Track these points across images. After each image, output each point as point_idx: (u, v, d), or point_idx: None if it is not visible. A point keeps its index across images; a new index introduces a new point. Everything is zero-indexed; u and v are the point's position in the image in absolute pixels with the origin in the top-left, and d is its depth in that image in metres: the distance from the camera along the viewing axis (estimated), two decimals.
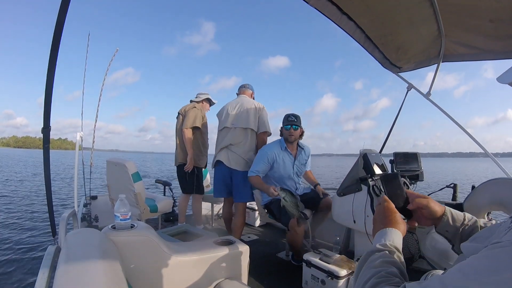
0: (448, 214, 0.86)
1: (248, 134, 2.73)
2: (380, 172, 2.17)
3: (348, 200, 2.16)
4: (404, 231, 0.77)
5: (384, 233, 0.74)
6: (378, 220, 0.80)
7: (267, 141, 2.79)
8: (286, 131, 2.61)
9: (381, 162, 2.52)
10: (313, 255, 2.07)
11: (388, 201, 0.83)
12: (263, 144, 2.75)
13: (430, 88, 2.84)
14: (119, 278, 0.92)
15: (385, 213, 0.80)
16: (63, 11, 0.99)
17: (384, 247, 0.68)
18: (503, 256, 0.43)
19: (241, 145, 2.71)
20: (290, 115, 2.65)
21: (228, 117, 2.76)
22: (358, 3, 1.96)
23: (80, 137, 2.75)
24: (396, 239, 0.72)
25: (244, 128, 2.71)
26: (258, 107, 2.76)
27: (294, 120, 2.61)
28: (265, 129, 2.74)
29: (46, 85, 1.17)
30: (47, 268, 0.90)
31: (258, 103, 2.82)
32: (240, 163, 2.69)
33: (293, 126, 2.59)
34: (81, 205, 3.45)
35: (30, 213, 7.03)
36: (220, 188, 2.83)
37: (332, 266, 1.89)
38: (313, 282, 2.00)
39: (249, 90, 2.99)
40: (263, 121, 2.74)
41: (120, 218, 1.25)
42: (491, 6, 1.82)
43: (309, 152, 2.86)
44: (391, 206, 0.81)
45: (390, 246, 0.69)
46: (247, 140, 2.72)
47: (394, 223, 0.76)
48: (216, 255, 1.53)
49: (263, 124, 2.73)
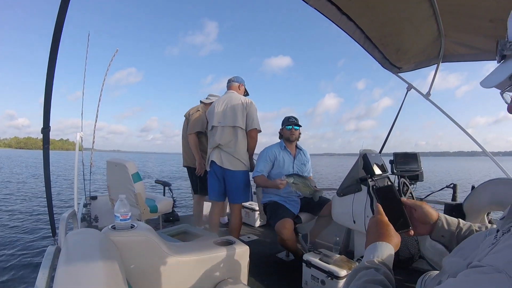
0: (443, 219, 0.86)
1: (237, 133, 2.62)
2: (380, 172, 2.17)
3: (348, 200, 2.16)
4: (397, 245, 0.76)
5: (374, 248, 0.73)
6: (371, 232, 0.79)
7: (257, 138, 2.70)
8: (288, 131, 2.68)
9: (381, 163, 2.51)
10: (313, 255, 2.07)
11: (381, 214, 0.82)
12: (254, 143, 2.68)
13: (430, 89, 2.84)
14: (119, 278, 0.92)
15: (377, 226, 0.79)
16: (62, 11, 0.99)
17: (371, 264, 0.68)
18: (484, 283, 0.42)
19: (231, 144, 2.61)
20: (291, 116, 2.73)
21: (215, 115, 2.67)
22: (357, 3, 1.96)
23: (80, 137, 2.75)
24: (386, 254, 0.71)
25: (233, 127, 2.61)
26: (245, 103, 2.64)
27: (295, 120, 2.70)
28: (254, 126, 2.61)
29: (46, 85, 1.17)
30: (47, 268, 0.90)
31: (246, 98, 2.71)
32: (232, 162, 2.60)
33: (295, 127, 2.68)
34: (81, 205, 3.45)
35: (30, 213, 7.04)
36: (214, 189, 2.72)
37: (332, 266, 1.89)
38: (313, 282, 2.00)
39: (235, 83, 2.84)
40: (251, 118, 2.61)
41: (120, 218, 1.25)
42: (491, 6, 1.82)
43: (308, 155, 2.89)
44: (384, 219, 0.80)
45: (377, 264, 0.68)
46: (237, 139, 2.61)
47: (387, 237, 0.75)
48: (216, 256, 1.53)
49: (251, 121, 2.61)
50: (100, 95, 3.80)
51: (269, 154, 2.65)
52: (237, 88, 2.83)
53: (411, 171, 2.54)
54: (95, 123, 3.90)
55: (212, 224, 2.81)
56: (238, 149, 2.60)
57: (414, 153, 2.60)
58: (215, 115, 2.66)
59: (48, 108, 1.25)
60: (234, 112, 2.60)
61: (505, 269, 0.41)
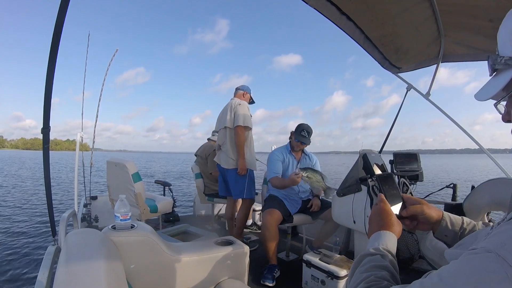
0: (447, 219, 0.85)
1: (226, 133, 2.84)
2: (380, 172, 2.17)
3: (348, 200, 2.16)
4: (399, 233, 0.77)
5: (378, 236, 0.74)
6: (374, 221, 0.80)
7: (242, 134, 2.75)
8: (296, 142, 2.70)
9: (381, 162, 2.52)
10: (313, 255, 2.07)
11: (384, 202, 0.82)
12: (240, 138, 2.73)
13: (429, 88, 2.84)
14: (119, 278, 0.92)
15: (380, 215, 0.79)
16: (62, 11, 0.99)
17: (377, 251, 0.68)
18: (475, 261, 0.45)
19: (225, 145, 2.85)
20: (304, 129, 2.69)
21: (216, 122, 3.02)
22: (357, 3, 1.96)
23: (81, 137, 2.75)
24: (390, 242, 0.72)
25: (224, 128, 2.85)
26: (233, 104, 2.83)
27: (306, 136, 2.68)
28: (238, 123, 2.72)
29: (46, 86, 1.17)
30: (47, 268, 0.90)
31: (236, 100, 2.89)
32: (228, 162, 2.83)
33: (302, 143, 2.68)
34: (81, 205, 3.45)
35: (31, 213, 7.04)
36: (221, 186, 3.05)
37: (332, 266, 1.89)
38: (313, 282, 2.00)
39: (240, 91, 3.05)
40: (237, 116, 2.75)
41: (120, 218, 1.25)
42: (490, 6, 1.82)
43: (314, 159, 2.88)
44: (387, 207, 0.81)
45: (383, 250, 0.69)
46: (227, 139, 2.83)
47: (389, 226, 0.76)
48: (216, 256, 1.53)
49: (237, 119, 2.75)
50: (100, 95, 3.80)
51: (278, 155, 2.73)
52: (241, 95, 3.02)
53: (411, 171, 2.53)
54: (95, 123, 3.90)
55: (228, 217, 3.15)
56: (228, 148, 2.82)
57: (414, 153, 2.60)
58: (217, 121, 3.02)
59: (48, 108, 1.25)
60: (224, 114, 2.86)
61: (495, 249, 0.44)
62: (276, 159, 2.69)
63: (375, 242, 0.73)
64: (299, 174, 2.30)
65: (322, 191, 2.54)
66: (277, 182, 2.59)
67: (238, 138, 2.74)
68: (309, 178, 2.25)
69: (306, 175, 2.25)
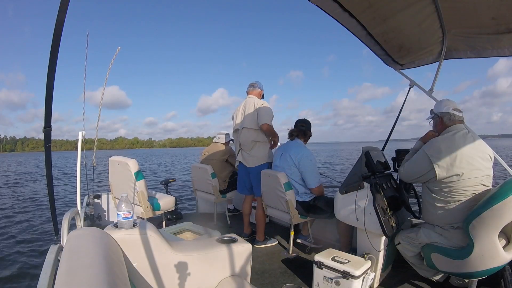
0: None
1: (251, 133, 2.92)
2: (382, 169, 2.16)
3: (351, 197, 2.16)
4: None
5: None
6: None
7: (270, 129, 2.90)
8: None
9: (384, 159, 2.51)
10: (324, 256, 2.02)
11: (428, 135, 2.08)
12: (270, 134, 2.95)
13: (432, 85, 2.82)
14: (121, 277, 0.92)
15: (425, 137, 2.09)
16: (62, 11, 0.98)
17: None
18: (414, 158, 1.98)
19: (249, 144, 2.94)
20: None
21: (236, 119, 3.07)
22: (359, 0, 1.95)
23: (83, 135, 2.75)
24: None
25: (247, 128, 2.94)
26: (256, 105, 2.93)
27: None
28: (263, 121, 2.84)
29: (47, 85, 1.17)
30: (50, 266, 0.90)
31: (259, 100, 2.99)
32: (252, 161, 2.96)
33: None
34: (84, 204, 3.46)
35: (33, 212, 7.08)
36: (242, 185, 3.17)
37: (346, 266, 1.85)
38: (325, 284, 1.95)
39: (257, 89, 3.11)
40: (261, 115, 2.86)
41: (123, 216, 1.26)
42: (493, 3, 1.82)
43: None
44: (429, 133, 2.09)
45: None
46: (252, 139, 2.92)
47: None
48: (219, 253, 1.53)
49: (261, 117, 2.86)
50: (102, 93, 3.79)
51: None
52: (258, 93, 3.11)
53: None
54: (97, 122, 3.89)
55: (245, 213, 3.28)
56: (255, 147, 2.94)
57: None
58: (237, 119, 3.07)
59: (50, 108, 1.25)
60: (248, 115, 2.95)
61: (424, 149, 1.86)
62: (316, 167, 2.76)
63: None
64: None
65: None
66: (322, 189, 2.72)
67: (269, 133, 2.94)
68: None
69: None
